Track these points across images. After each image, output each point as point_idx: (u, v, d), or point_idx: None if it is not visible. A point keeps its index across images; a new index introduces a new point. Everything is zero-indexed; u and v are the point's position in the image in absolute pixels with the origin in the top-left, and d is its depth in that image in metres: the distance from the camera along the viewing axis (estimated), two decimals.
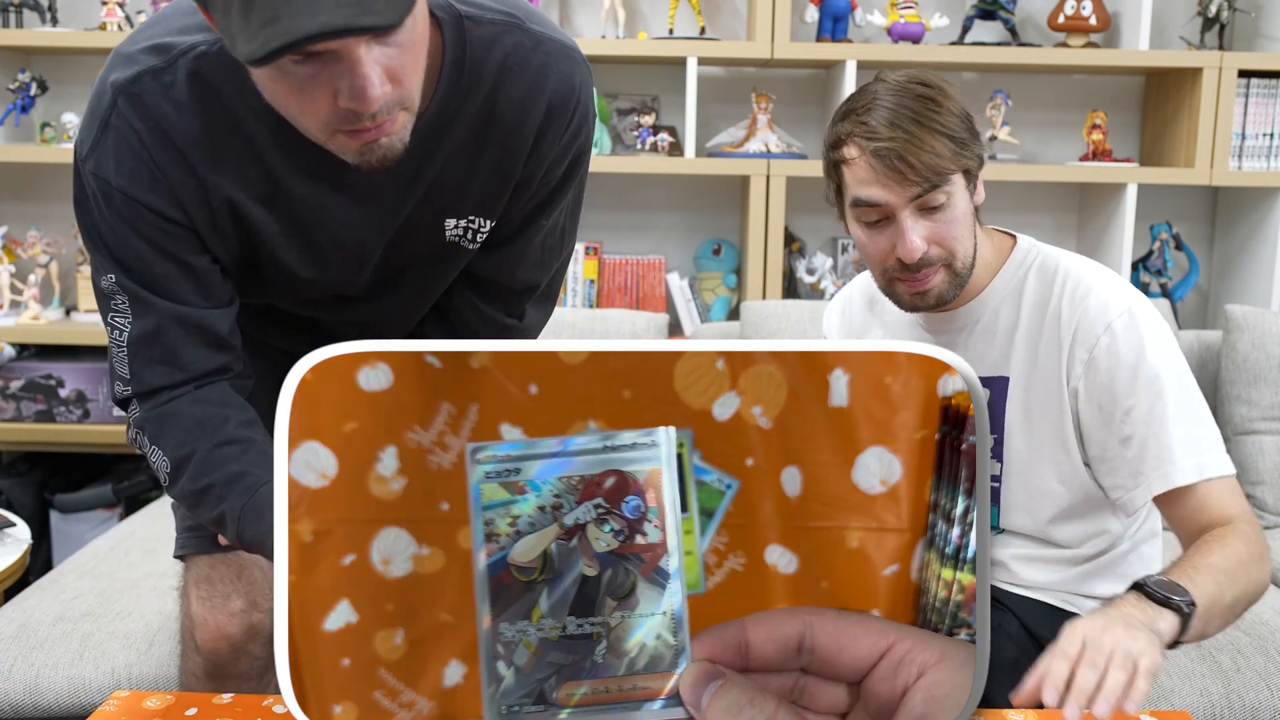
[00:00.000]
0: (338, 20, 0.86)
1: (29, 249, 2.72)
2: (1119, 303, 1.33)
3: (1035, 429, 1.38)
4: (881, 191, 1.29)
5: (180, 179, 1.12)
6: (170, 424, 1.17)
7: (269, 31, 0.86)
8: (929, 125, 1.28)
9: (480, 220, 1.24)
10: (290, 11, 0.86)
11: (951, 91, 1.32)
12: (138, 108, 1.09)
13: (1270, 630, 1.78)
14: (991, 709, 1.07)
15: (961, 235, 1.33)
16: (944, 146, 1.28)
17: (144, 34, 1.12)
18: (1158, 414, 1.29)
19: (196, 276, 1.16)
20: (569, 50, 1.19)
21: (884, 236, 1.33)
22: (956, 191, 1.31)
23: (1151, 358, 1.30)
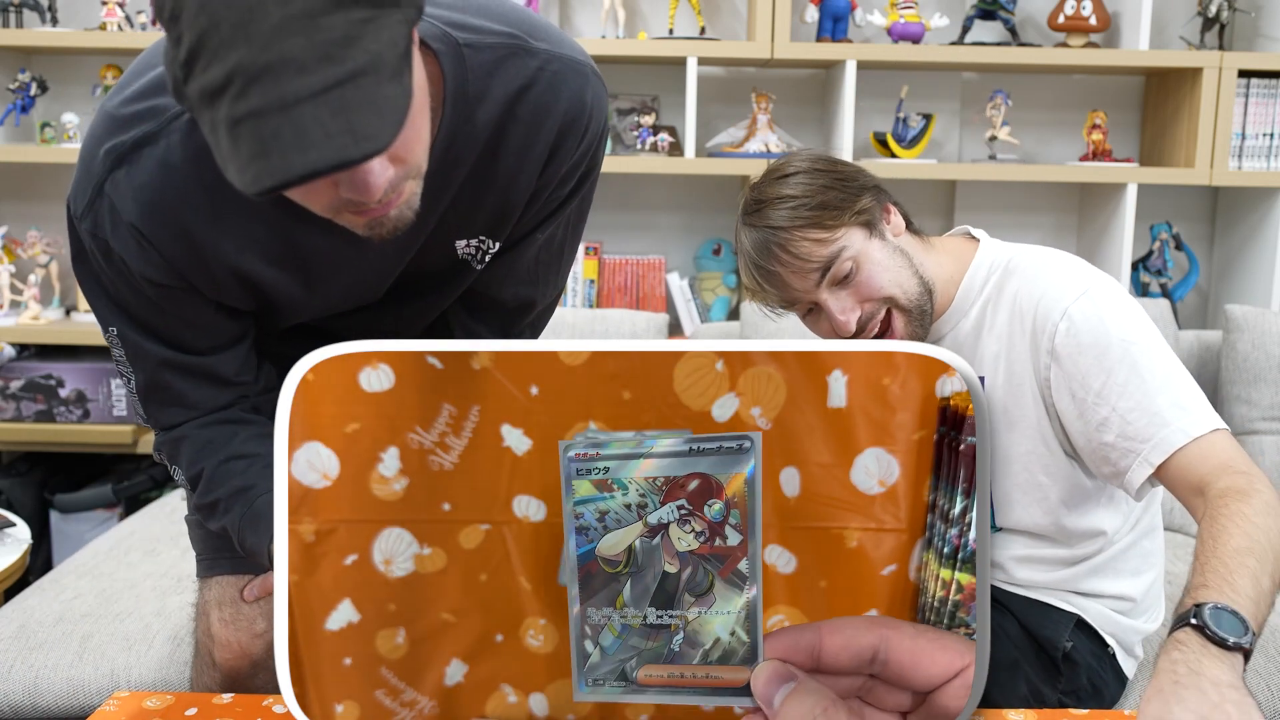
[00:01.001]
0: (329, 156, 0.81)
1: (29, 249, 2.72)
2: (1073, 287, 1.31)
3: (1015, 425, 1.37)
4: (785, 292, 1.37)
5: (178, 253, 1.09)
6: (183, 446, 1.21)
7: (258, 167, 0.82)
8: (787, 227, 1.32)
9: (490, 242, 1.22)
10: (280, 148, 0.81)
11: (803, 156, 1.38)
12: (131, 178, 1.06)
13: (1270, 630, 1.78)
14: (992, 709, 1.07)
15: (891, 279, 1.34)
16: (815, 232, 1.32)
17: (132, 88, 1.08)
18: (1134, 385, 1.25)
19: (200, 327, 1.17)
20: (577, 65, 1.14)
21: (823, 321, 1.38)
22: (859, 247, 1.34)
23: (1116, 331, 1.27)
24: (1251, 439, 2.32)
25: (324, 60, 0.81)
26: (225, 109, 0.82)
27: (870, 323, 1.35)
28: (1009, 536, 1.43)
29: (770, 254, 1.33)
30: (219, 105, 0.82)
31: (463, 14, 1.10)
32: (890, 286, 1.34)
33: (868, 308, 1.33)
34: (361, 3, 0.83)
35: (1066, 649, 1.37)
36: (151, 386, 1.19)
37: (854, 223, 1.33)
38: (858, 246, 1.33)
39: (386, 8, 0.84)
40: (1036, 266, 1.36)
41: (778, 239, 1.33)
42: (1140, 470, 1.24)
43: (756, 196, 1.37)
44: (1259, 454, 2.30)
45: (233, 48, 0.81)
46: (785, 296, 1.37)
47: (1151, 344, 1.28)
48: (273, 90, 0.80)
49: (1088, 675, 1.39)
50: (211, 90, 0.82)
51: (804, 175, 1.35)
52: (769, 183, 1.37)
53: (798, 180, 1.34)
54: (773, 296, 1.39)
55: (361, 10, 0.83)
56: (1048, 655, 1.37)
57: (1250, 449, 2.31)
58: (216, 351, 1.19)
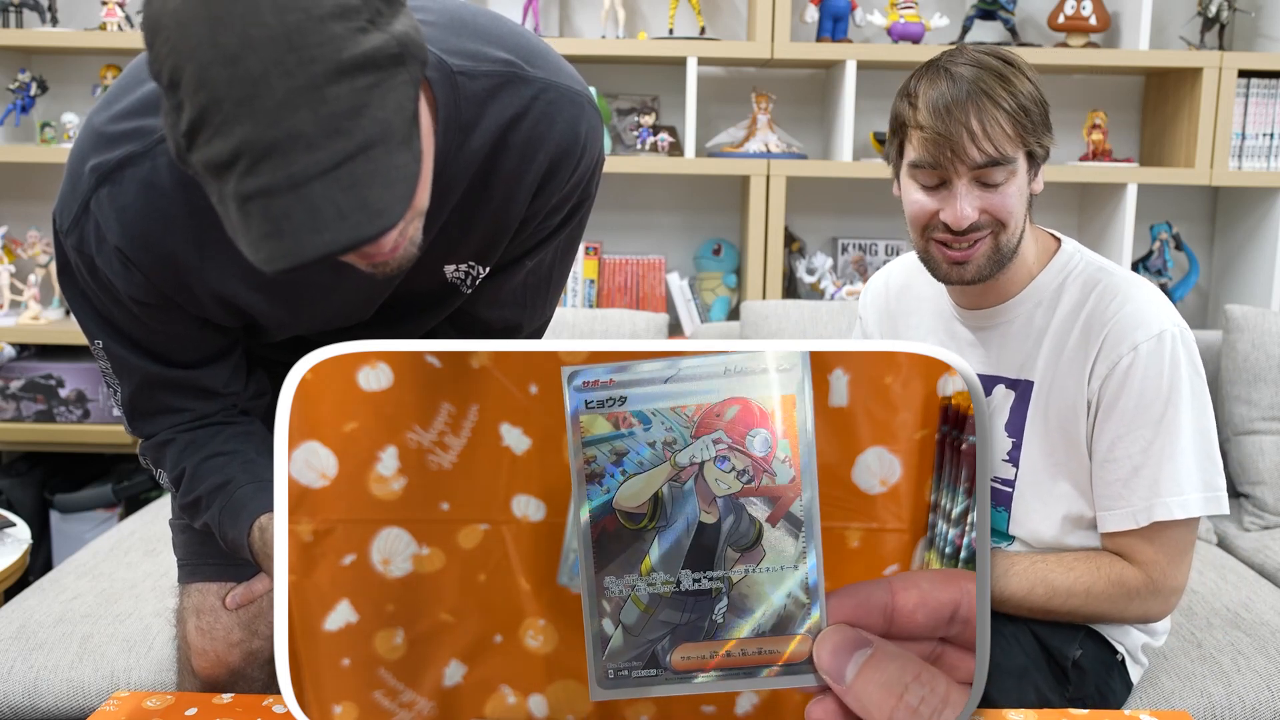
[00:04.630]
0: (343, 238, 0.80)
1: (29, 249, 2.72)
2: (1152, 324, 1.31)
3: (1052, 436, 1.37)
4: (941, 159, 1.28)
5: (162, 275, 1.08)
6: (167, 450, 1.21)
7: (271, 247, 0.80)
8: (999, 103, 1.27)
9: (479, 267, 1.21)
10: (292, 228, 0.79)
11: (1031, 75, 1.31)
12: (115, 199, 1.04)
13: (1271, 631, 1.78)
14: (992, 709, 1.06)
15: (1014, 211, 1.31)
16: (1011, 125, 1.27)
17: (120, 105, 1.06)
18: (1157, 448, 1.29)
19: (186, 341, 1.17)
20: (573, 95, 1.12)
21: (934, 199, 1.32)
22: (1017, 172, 1.30)
23: (1167, 387, 1.29)
24: (1251, 439, 2.31)
25: (332, 134, 0.79)
26: (233, 185, 0.80)
27: (976, 233, 1.31)
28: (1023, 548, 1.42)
29: (968, 107, 1.26)
30: (227, 180, 0.81)
31: (459, 39, 1.08)
32: (1009, 222, 1.31)
33: (984, 219, 1.30)
34: (366, 68, 0.81)
35: (1076, 657, 1.37)
36: (138, 399, 1.18)
37: (1031, 149, 1.32)
38: (1019, 170, 1.31)
39: (391, 69, 0.83)
40: (1120, 288, 1.34)
41: (983, 105, 1.27)
42: (1123, 522, 1.32)
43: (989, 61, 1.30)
44: (1259, 454, 2.30)
45: (237, 122, 0.79)
46: (935, 155, 1.29)
47: (1194, 410, 1.31)
48: (281, 168, 0.79)
49: (1095, 684, 1.39)
50: (218, 164, 0.80)
51: (1031, 84, 1.31)
52: (999, 58, 1.31)
53: (1027, 82, 1.30)
54: (923, 150, 1.30)
55: (366, 76, 0.81)
56: (1057, 664, 1.37)
57: (1250, 449, 2.31)
58: (204, 365, 1.18)
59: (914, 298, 1.52)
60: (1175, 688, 1.64)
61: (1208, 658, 1.70)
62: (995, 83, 1.27)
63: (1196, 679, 1.66)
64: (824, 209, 2.89)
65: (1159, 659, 1.66)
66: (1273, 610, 1.85)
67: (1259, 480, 2.30)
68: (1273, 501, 2.28)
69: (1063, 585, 1.33)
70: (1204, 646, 1.73)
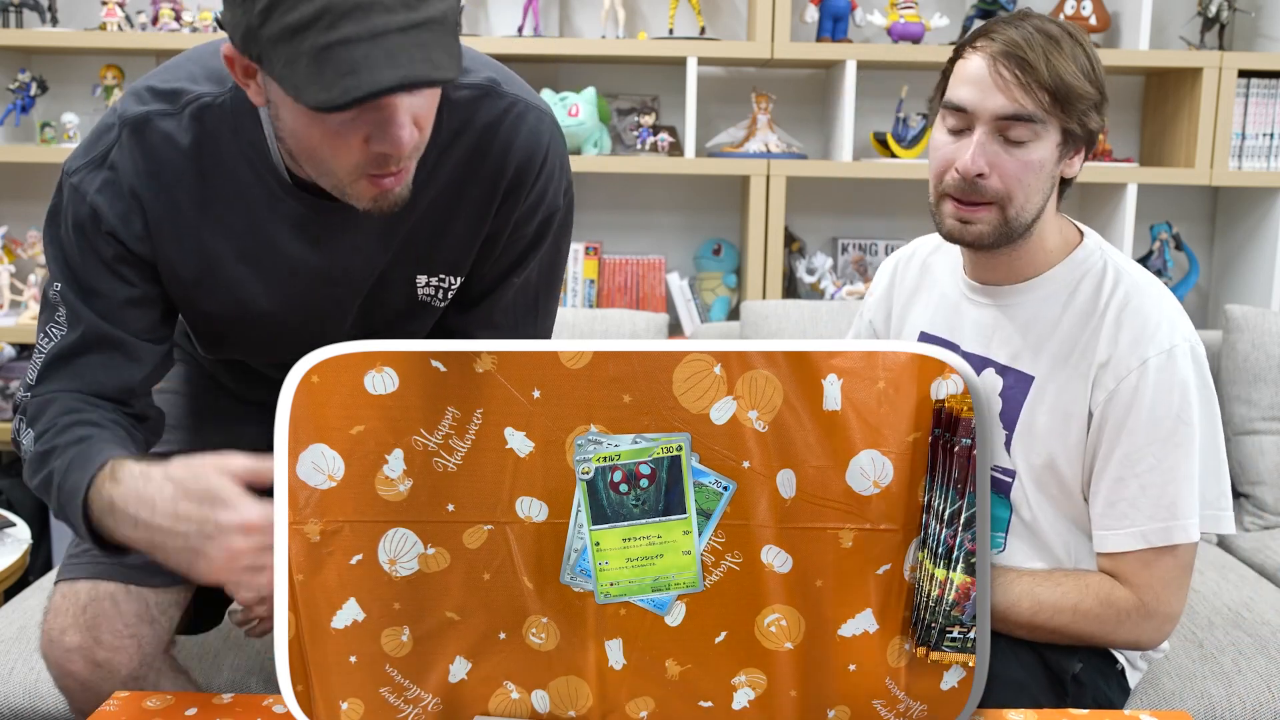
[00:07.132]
0: (415, 74, 0.93)
1: (29, 249, 2.72)
2: (1162, 339, 1.28)
3: (1047, 434, 1.34)
4: (973, 95, 1.27)
5: (161, 216, 1.17)
6: (49, 406, 1.18)
7: (349, 82, 0.92)
8: (1038, 64, 1.24)
9: (450, 279, 1.28)
10: (370, 65, 0.92)
11: (1090, 52, 1.28)
12: (139, 143, 1.15)
13: (1272, 631, 1.78)
14: (992, 709, 1.07)
15: (1027, 183, 1.28)
16: (1046, 89, 1.24)
17: (161, 75, 1.19)
18: (1166, 468, 1.27)
19: (138, 304, 1.20)
20: (540, 112, 1.24)
21: (955, 147, 1.31)
22: (1043, 139, 1.27)
23: (1178, 405, 1.26)
24: (1251, 439, 2.32)
25: (406, 6, 0.94)
26: (311, 39, 0.92)
27: (981, 197, 1.29)
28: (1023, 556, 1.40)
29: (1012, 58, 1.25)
30: (304, 37, 0.93)
31: None
32: (1023, 188, 1.28)
33: (992, 184, 1.28)
34: None
35: (1076, 671, 1.36)
36: (65, 354, 1.19)
37: (1064, 127, 1.28)
38: (1045, 137, 1.28)
39: None
40: (1135, 295, 1.31)
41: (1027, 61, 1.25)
42: (1125, 542, 1.30)
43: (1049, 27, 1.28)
44: (1259, 454, 2.30)
45: None
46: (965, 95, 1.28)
47: (1203, 430, 1.29)
48: (364, 23, 0.92)
49: (1093, 696, 1.38)
50: (297, 25, 0.93)
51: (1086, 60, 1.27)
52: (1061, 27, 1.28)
53: (1082, 56, 1.27)
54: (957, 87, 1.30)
55: None
56: (1056, 678, 1.36)
57: (1250, 449, 2.31)
58: (143, 339, 1.21)
59: (929, 276, 1.52)
60: (1175, 688, 1.65)
61: (1208, 658, 1.71)
62: (1045, 45, 1.25)
63: (1197, 679, 1.67)
64: (824, 209, 2.89)
65: (1159, 660, 1.66)
66: (1273, 610, 1.86)
67: (1259, 480, 2.30)
68: (1273, 501, 2.29)
69: (1049, 600, 1.30)
70: (1204, 647, 1.73)
